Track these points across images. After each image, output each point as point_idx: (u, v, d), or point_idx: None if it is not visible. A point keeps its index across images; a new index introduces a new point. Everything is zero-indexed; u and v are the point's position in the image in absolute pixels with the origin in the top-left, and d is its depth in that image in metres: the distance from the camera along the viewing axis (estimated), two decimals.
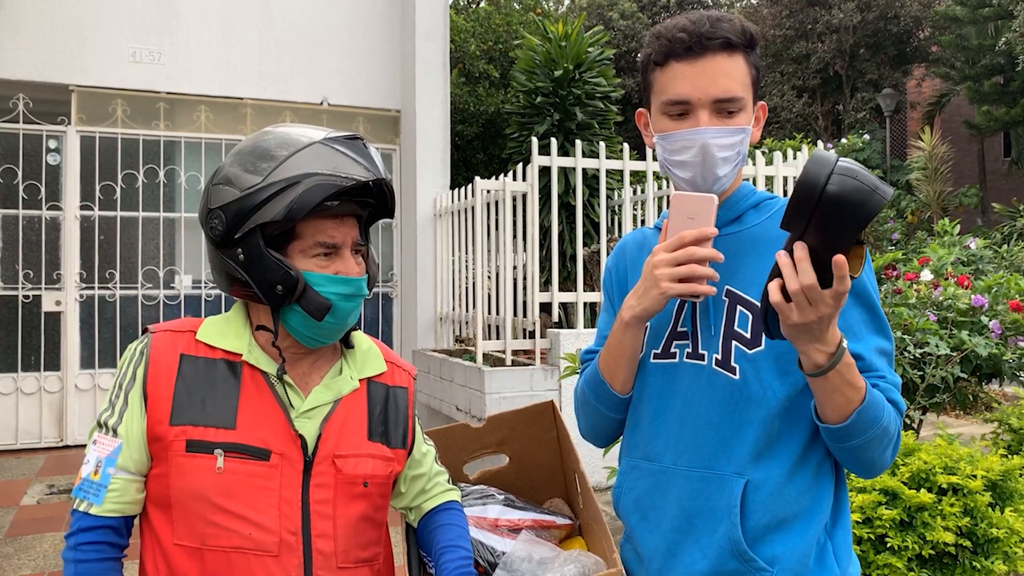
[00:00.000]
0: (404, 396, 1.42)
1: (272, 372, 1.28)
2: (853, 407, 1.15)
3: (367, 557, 1.32)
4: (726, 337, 1.26)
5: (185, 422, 1.22)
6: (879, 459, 1.22)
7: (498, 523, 1.50)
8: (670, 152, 1.28)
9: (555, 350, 5.31)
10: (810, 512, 1.25)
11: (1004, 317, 3.98)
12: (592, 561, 1.39)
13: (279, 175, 1.21)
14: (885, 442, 1.20)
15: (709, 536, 1.25)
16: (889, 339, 1.29)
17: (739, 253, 1.30)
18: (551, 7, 14.65)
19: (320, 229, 1.25)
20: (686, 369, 1.30)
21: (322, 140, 1.25)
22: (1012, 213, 12.73)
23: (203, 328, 1.31)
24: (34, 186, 6.47)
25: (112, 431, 1.24)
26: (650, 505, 1.33)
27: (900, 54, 19.29)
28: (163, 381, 1.25)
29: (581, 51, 7.13)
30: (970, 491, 2.68)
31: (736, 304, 1.27)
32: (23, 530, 4.52)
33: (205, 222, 1.27)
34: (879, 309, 1.28)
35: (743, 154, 1.28)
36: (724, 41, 1.23)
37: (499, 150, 9.49)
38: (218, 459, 1.21)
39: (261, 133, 1.30)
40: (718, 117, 1.24)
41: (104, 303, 6.62)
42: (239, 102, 7.07)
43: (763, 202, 1.35)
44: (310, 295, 1.24)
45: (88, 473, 1.23)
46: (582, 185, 5.77)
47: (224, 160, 1.30)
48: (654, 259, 1.22)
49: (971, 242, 7.20)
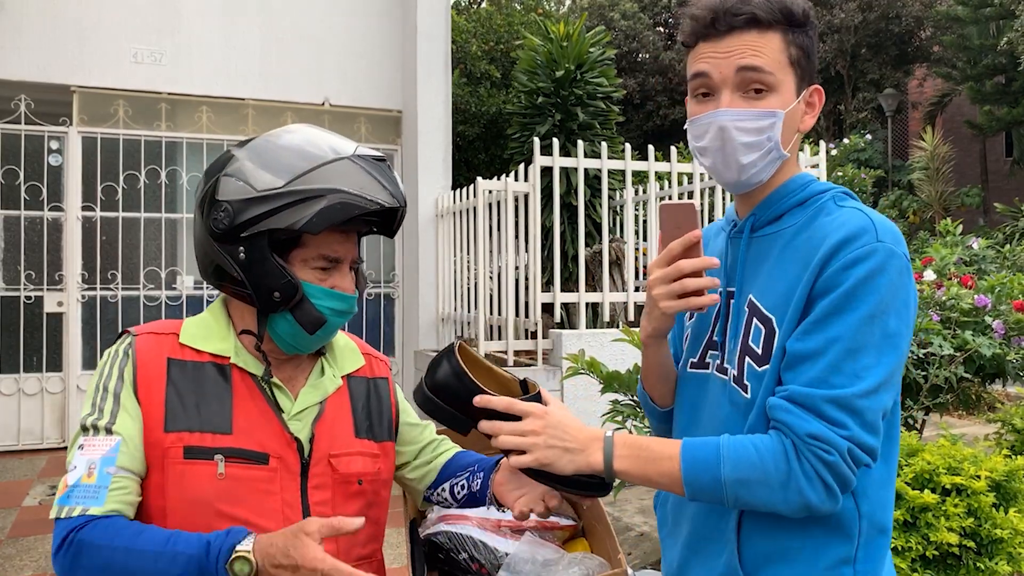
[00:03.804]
0: (385, 387, 1.44)
1: (260, 375, 1.26)
2: (678, 484, 1.09)
3: (366, 554, 1.34)
4: (742, 352, 1.16)
5: (181, 428, 1.19)
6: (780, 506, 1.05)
7: (501, 524, 1.50)
8: (694, 137, 1.18)
9: (557, 351, 5.31)
10: (824, 540, 1.11)
11: (1007, 317, 3.97)
12: (596, 563, 1.38)
13: (303, 184, 1.17)
14: (763, 490, 1.05)
15: (715, 560, 1.19)
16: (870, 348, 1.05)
17: (768, 258, 1.17)
18: (552, 7, 14.64)
19: (326, 242, 1.23)
20: (715, 381, 1.22)
21: (351, 156, 1.21)
22: (1014, 213, 12.73)
23: (185, 330, 1.27)
24: (36, 187, 6.47)
25: (106, 431, 1.17)
26: (675, 520, 1.30)
27: (902, 54, 19.27)
28: (153, 386, 1.20)
29: (583, 51, 7.13)
30: (974, 492, 2.67)
31: (754, 317, 1.16)
32: (25, 531, 4.52)
33: (207, 211, 1.21)
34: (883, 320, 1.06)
35: (774, 140, 1.13)
36: (749, 17, 1.11)
37: (501, 150, 9.49)
38: (219, 465, 1.18)
39: (285, 132, 1.25)
40: (743, 97, 1.12)
41: (106, 304, 6.62)
42: (241, 103, 7.07)
43: (810, 197, 1.18)
44: (306, 307, 1.22)
45: (78, 478, 1.14)
46: (584, 185, 5.77)
47: (236, 150, 1.24)
48: (650, 278, 1.17)
49: (973, 242, 7.19)
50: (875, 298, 1.05)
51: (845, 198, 1.18)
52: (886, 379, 1.06)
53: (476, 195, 5.81)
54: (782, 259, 1.15)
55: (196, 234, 1.26)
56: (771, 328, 1.12)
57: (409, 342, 7.28)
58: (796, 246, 1.14)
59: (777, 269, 1.15)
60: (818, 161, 6.05)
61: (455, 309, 6.60)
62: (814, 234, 1.12)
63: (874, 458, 1.06)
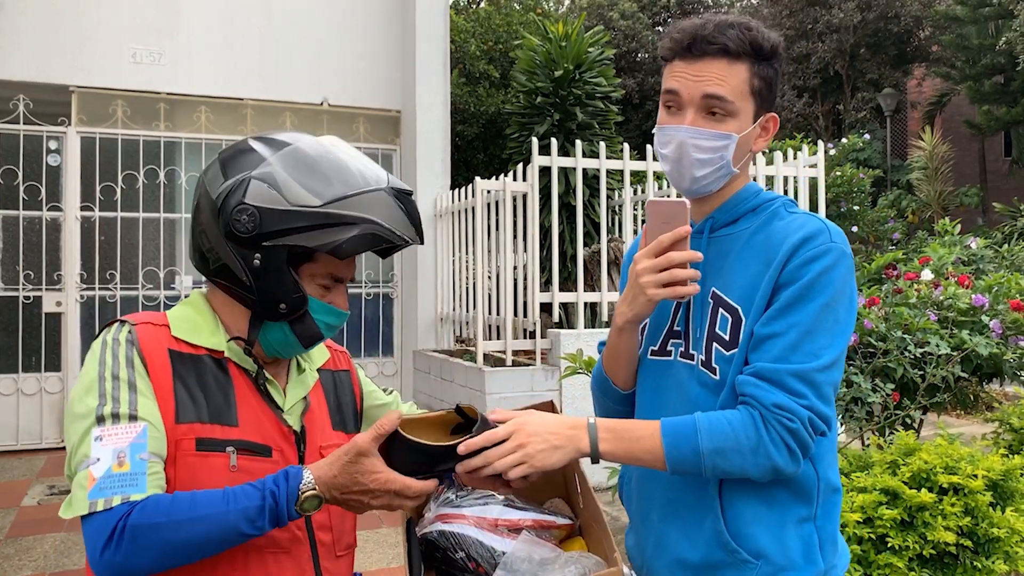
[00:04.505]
0: (347, 379, 1.46)
1: (250, 369, 1.27)
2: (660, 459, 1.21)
3: (352, 542, 1.39)
4: (708, 339, 1.30)
5: (192, 419, 1.18)
6: (751, 470, 1.19)
7: (498, 523, 1.50)
8: (659, 144, 1.34)
9: (555, 350, 5.31)
10: (794, 506, 1.27)
11: (1005, 316, 3.98)
12: (593, 562, 1.39)
13: (340, 209, 1.17)
14: (736, 457, 1.18)
15: (696, 527, 1.29)
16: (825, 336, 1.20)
17: (728, 255, 1.32)
18: (551, 7, 14.65)
19: (337, 263, 1.25)
20: (679, 367, 1.35)
21: (388, 189, 1.22)
22: (1013, 212, 12.73)
23: (174, 324, 1.25)
24: (34, 187, 6.47)
25: (129, 418, 1.12)
26: (643, 495, 1.40)
27: (900, 54, 19.27)
28: (161, 376, 1.18)
29: (581, 51, 7.13)
30: (971, 491, 2.68)
31: (719, 307, 1.30)
32: (24, 531, 4.52)
33: (228, 210, 1.17)
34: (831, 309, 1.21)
35: (725, 159, 1.28)
36: (721, 48, 1.25)
37: (499, 150, 9.49)
38: (231, 457, 1.18)
39: (320, 146, 1.24)
40: (704, 119, 1.27)
41: (105, 304, 6.62)
42: (239, 103, 7.07)
43: (761, 205, 1.35)
44: (308, 322, 1.24)
45: (107, 468, 1.08)
46: (582, 185, 5.78)
47: (268, 154, 1.21)
48: (637, 267, 1.27)
49: (972, 241, 7.20)
50: (830, 290, 1.22)
51: (793, 205, 1.36)
52: (837, 358, 1.22)
53: (475, 195, 5.81)
54: (743, 256, 1.30)
55: (204, 227, 1.22)
56: (738, 317, 1.27)
57: (408, 342, 7.28)
58: (755, 245, 1.30)
59: (739, 265, 1.30)
60: (816, 161, 6.05)
61: (454, 309, 6.61)
62: (772, 235, 1.28)
63: (829, 427, 1.22)
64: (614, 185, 6.76)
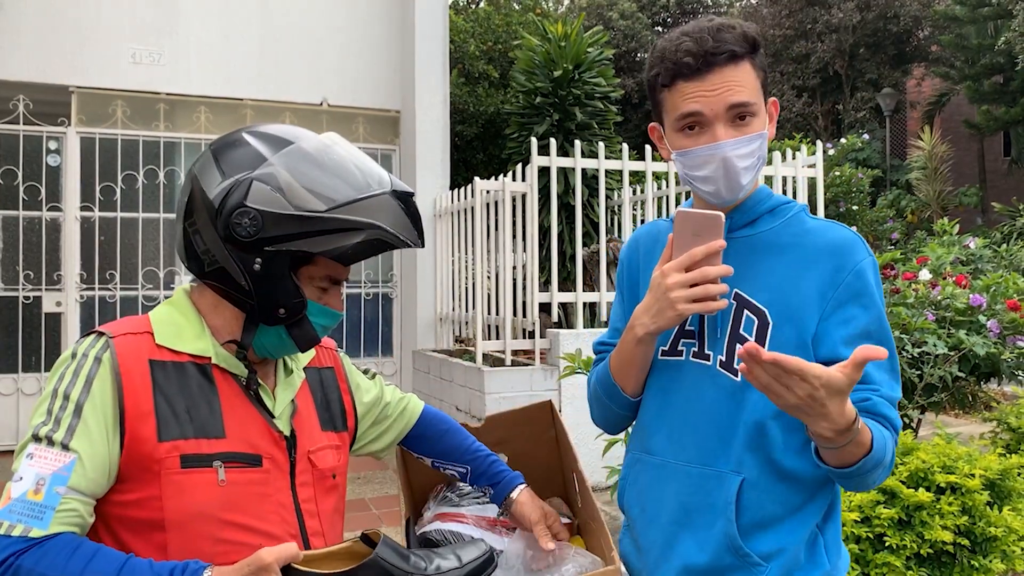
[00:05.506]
0: (332, 375, 1.42)
1: (240, 374, 1.23)
2: (856, 460, 1.17)
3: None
4: (731, 340, 1.28)
5: (175, 436, 1.12)
6: (872, 483, 1.24)
7: (496, 522, 1.51)
8: (690, 168, 1.28)
9: (555, 350, 5.32)
10: (803, 510, 1.28)
11: (1002, 316, 3.98)
12: (589, 560, 1.40)
13: (345, 214, 1.14)
14: (880, 470, 1.22)
15: (707, 531, 1.28)
16: (893, 350, 1.29)
17: (750, 257, 1.31)
18: (551, 7, 14.65)
19: (336, 266, 1.22)
20: (691, 367, 1.33)
21: (392, 192, 1.20)
22: (1012, 212, 12.73)
23: (157, 330, 1.19)
24: (34, 187, 6.48)
25: (61, 446, 1.06)
26: (651, 498, 1.37)
27: (900, 54, 19.28)
28: (141, 395, 1.12)
29: (580, 51, 7.14)
30: (968, 490, 2.69)
31: (743, 308, 1.29)
32: None
33: (231, 215, 1.13)
34: (885, 320, 1.30)
35: (762, 158, 1.29)
36: (729, 54, 1.23)
37: (499, 150, 9.49)
38: (219, 472, 1.14)
39: (323, 145, 1.20)
40: (733, 126, 1.25)
41: (105, 304, 6.63)
42: (239, 103, 7.08)
43: (779, 207, 1.35)
44: (305, 326, 1.21)
45: (23, 492, 1.03)
46: (581, 185, 5.78)
47: (269, 153, 1.17)
48: (667, 280, 1.23)
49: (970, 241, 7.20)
50: (880, 299, 1.29)
51: (807, 210, 1.38)
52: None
53: (474, 195, 5.82)
54: (767, 257, 1.30)
55: (199, 228, 1.17)
56: (764, 320, 1.26)
57: (407, 342, 7.28)
58: (784, 249, 1.30)
59: (764, 267, 1.29)
60: (815, 161, 6.05)
61: (453, 309, 6.61)
62: (803, 241, 1.30)
63: None
64: (613, 185, 6.77)
